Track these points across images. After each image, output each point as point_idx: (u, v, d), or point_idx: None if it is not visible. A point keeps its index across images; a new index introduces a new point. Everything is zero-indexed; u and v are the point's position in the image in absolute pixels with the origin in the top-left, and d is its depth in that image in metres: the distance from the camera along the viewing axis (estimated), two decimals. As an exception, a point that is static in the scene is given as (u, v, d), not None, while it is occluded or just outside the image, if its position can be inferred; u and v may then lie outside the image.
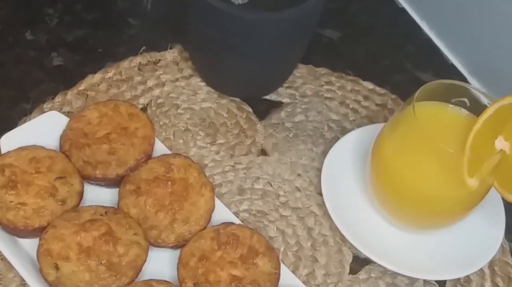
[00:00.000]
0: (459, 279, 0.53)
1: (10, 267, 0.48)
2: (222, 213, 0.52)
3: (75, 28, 0.66)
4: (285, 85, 0.64)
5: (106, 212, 0.48)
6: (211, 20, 0.53)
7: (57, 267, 0.45)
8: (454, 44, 0.70)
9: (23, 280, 0.47)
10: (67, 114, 0.57)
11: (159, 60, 0.64)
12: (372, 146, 0.53)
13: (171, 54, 0.64)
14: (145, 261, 0.47)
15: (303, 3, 0.52)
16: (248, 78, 0.60)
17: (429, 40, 0.72)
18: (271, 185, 0.57)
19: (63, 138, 0.53)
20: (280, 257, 0.52)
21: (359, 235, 0.52)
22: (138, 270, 0.46)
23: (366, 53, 0.69)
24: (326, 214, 0.55)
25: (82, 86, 0.60)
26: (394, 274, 0.53)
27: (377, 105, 0.64)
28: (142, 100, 0.61)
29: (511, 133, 0.47)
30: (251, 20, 0.53)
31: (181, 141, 0.59)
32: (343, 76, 0.66)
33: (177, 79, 0.63)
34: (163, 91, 0.62)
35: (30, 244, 0.48)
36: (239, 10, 0.56)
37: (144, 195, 0.50)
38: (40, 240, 0.46)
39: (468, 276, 0.53)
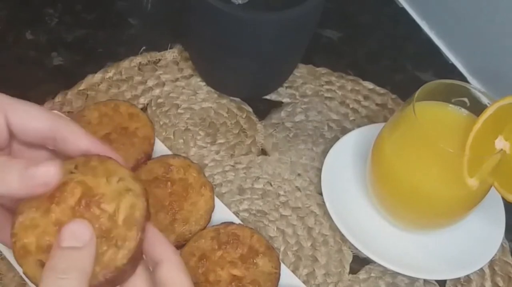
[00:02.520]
0: (459, 278, 0.53)
1: (10, 267, 0.48)
2: (222, 213, 0.52)
3: (75, 28, 0.66)
4: (285, 85, 0.64)
5: (76, 166, 0.35)
6: (211, 20, 0.53)
7: (42, 265, 0.34)
8: (454, 44, 0.70)
9: (23, 280, 0.47)
10: (67, 114, 0.57)
11: (159, 60, 0.64)
12: (372, 146, 0.53)
13: (171, 54, 0.64)
14: (146, 208, 0.35)
15: (303, 3, 0.52)
16: (248, 78, 0.60)
17: (429, 40, 0.72)
18: (271, 184, 0.57)
19: (63, 138, 0.53)
20: (280, 257, 0.52)
21: (359, 235, 0.52)
22: (141, 225, 0.35)
23: (366, 53, 0.69)
24: (326, 213, 0.55)
25: (82, 86, 0.60)
26: (394, 274, 0.53)
27: (377, 105, 0.64)
28: (142, 100, 0.61)
29: (511, 133, 0.47)
30: (251, 20, 0.53)
31: (181, 141, 0.59)
32: (343, 76, 0.66)
33: (177, 79, 0.63)
34: (163, 91, 0.62)
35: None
36: (239, 10, 0.56)
37: (144, 195, 0.50)
38: (11, 236, 0.34)
39: (468, 276, 0.53)
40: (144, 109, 0.60)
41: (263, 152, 0.59)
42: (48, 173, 0.32)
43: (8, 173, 0.32)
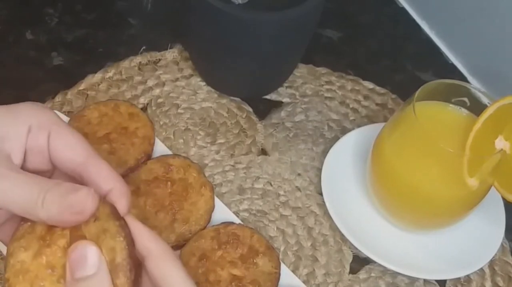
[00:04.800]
0: (459, 278, 0.53)
1: (10, 266, 0.48)
2: (222, 213, 0.52)
3: (75, 28, 0.66)
4: (285, 84, 0.64)
5: None
6: (211, 20, 0.53)
7: None
8: (454, 44, 0.70)
9: (23, 279, 0.47)
10: (67, 113, 0.57)
11: (159, 59, 0.64)
12: (372, 146, 0.53)
13: (171, 54, 0.64)
14: (126, 246, 0.33)
15: (303, 3, 0.52)
16: (248, 78, 0.60)
17: (429, 40, 0.72)
18: (271, 184, 0.57)
19: (63, 138, 0.53)
20: (280, 257, 0.52)
21: (359, 235, 0.52)
22: (126, 266, 0.32)
23: (366, 53, 0.69)
24: (326, 213, 0.55)
25: (82, 86, 0.60)
26: (394, 274, 0.53)
27: (377, 104, 0.64)
28: (142, 100, 0.61)
29: (511, 132, 0.47)
30: (251, 20, 0.53)
31: (181, 140, 0.59)
32: (343, 75, 0.66)
33: (177, 79, 0.63)
34: (163, 91, 0.62)
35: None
36: (239, 10, 0.56)
37: (143, 196, 0.50)
38: (4, 281, 0.33)
39: (468, 276, 0.53)
40: (144, 109, 0.60)
41: (263, 152, 0.59)
42: (85, 200, 0.32)
43: (53, 198, 0.32)
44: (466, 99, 0.50)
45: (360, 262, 0.53)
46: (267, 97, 0.63)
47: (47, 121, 0.34)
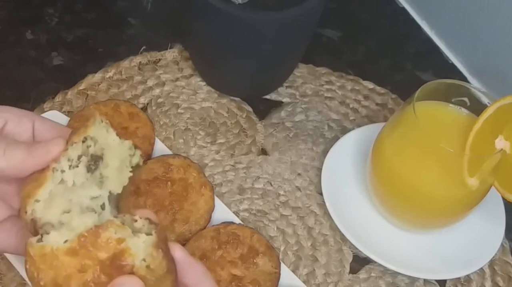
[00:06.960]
0: (459, 278, 0.53)
1: (10, 266, 0.48)
2: (222, 213, 0.52)
3: (75, 28, 0.66)
4: (285, 84, 0.64)
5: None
6: (211, 20, 0.53)
7: None
8: (454, 44, 0.70)
9: (23, 279, 0.47)
10: (67, 113, 0.57)
11: (159, 59, 0.64)
12: (372, 146, 0.53)
13: (171, 54, 0.64)
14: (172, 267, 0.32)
15: (303, 3, 0.52)
16: (248, 78, 0.60)
17: (429, 40, 0.72)
18: (271, 184, 0.57)
19: (63, 137, 0.53)
20: (280, 257, 0.52)
21: (359, 235, 0.52)
22: None
23: (366, 53, 0.69)
24: (326, 213, 0.55)
25: (82, 86, 0.60)
26: (395, 274, 0.53)
27: (377, 104, 0.64)
28: (142, 100, 0.61)
29: (511, 132, 0.47)
30: (251, 20, 0.53)
31: (181, 140, 0.59)
32: (343, 75, 0.66)
33: (177, 79, 0.63)
34: (163, 91, 0.62)
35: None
36: (239, 10, 0.56)
37: (144, 196, 0.50)
38: (27, 254, 0.31)
39: (468, 276, 0.53)
40: (144, 108, 0.60)
41: (263, 151, 0.59)
42: (51, 143, 0.33)
43: (15, 148, 0.33)
44: (466, 99, 0.50)
45: (360, 262, 0.53)
46: (267, 97, 0.63)
47: (29, 114, 0.36)
